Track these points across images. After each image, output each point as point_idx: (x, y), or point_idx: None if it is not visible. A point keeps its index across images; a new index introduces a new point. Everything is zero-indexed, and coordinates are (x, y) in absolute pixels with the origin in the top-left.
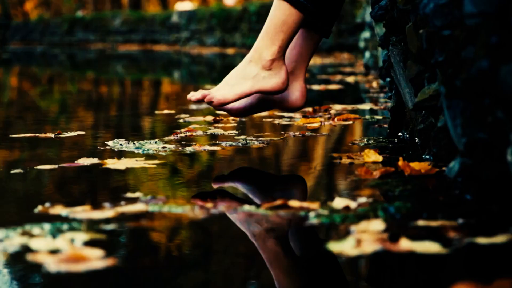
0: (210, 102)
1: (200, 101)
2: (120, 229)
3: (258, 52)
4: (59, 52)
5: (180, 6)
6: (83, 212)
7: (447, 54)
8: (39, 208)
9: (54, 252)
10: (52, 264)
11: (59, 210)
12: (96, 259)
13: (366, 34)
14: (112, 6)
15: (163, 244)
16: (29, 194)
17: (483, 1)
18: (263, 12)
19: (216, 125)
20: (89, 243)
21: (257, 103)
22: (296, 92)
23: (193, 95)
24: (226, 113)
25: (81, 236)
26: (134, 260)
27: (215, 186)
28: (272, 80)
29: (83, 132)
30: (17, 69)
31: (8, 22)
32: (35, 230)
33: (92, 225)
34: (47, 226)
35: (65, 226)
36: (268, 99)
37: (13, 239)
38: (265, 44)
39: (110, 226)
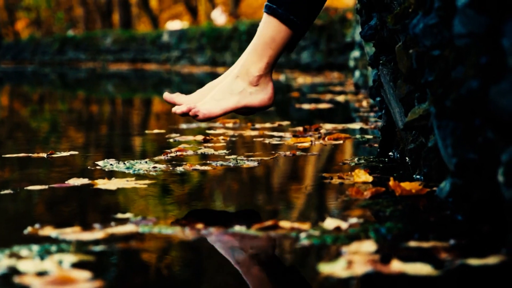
0: (195, 116)
1: (185, 114)
2: (109, 250)
3: (245, 67)
4: (50, 71)
5: (171, 26)
6: (72, 233)
7: (437, 74)
8: (29, 229)
9: (41, 274)
10: (39, 287)
11: (49, 231)
12: (83, 281)
13: (356, 53)
14: (103, 25)
15: (152, 266)
16: (19, 215)
17: (473, 21)
18: (253, 31)
19: (206, 144)
20: (77, 265)
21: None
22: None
23: (178, 108)
24: (216, 132)
25: (70, 258)
26: (122, 282)
27: (204, 205)
28: (258, 96)
29: (76, 152)
30: (7, 88)
31: None
32: (23, 251)
33: (81, 246)
34: (35, 248)
35: (53, 248)
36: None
37: (1, 261)
38: (253, 60)
39: (99, 248)
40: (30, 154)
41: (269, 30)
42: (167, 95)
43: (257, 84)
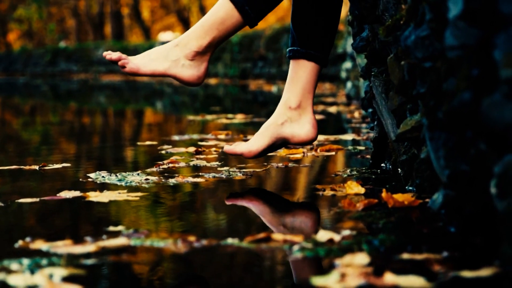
0: (123, 67)
1: (114, 62)
2: (101, 263)
3: (187, 39)
4: (42, 83)
5: (163, 37)
6: (64, 246)
7: (428, 86)
8: (20, 242)
9: None
10: None
11: (40, 244)
12: None
13: (347, 65)
14: (95, 37)
15: (144, 279)
16: (10, 228)
17: (464, 33)
18: (245, 43)
19: (198, 156)
20: (68, 279)
21: (273, 144)
22: (306, 124)
23: (109, 54)
24: (208, 144)
25: (60, 272)
26: None
27: (196, 218)
28: (189, 71)
29: (68, 164)
30: None
31: None
32: (14, 265)
33: (72, 260)
34: (26, 261)
35: (44, 261)
36: (281, 137)
37: None
38: (197, 35)
39: (90, 261)
40: (21, 167)
41: (222, 12)
42: (227, 148)
43: (192, 59)
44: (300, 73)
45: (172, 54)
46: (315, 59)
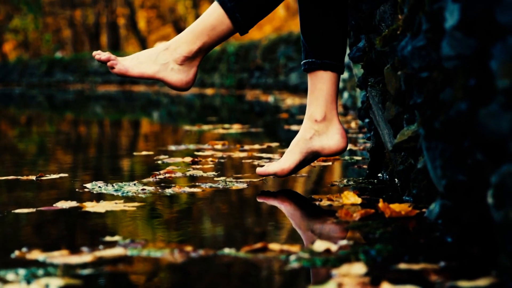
0: (111, 68)
1: (103, 62)
2: (97, 273)
3: (177, 43)
4: (38, 93)
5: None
6: (60, 256)
7: (425, 96)
8: (16, 253)
9: None
10: None
11: (36, 255)
12: None
13: (344, 75)
14: (91, 47)
15: None
16: (7, 238)
17: (461, 44)
18: (241, 53)
19: (195, 166)
20: None
21: (304, 159)
22: (335, 135)
23: (98, 54)
24: (204, 154)
25: (57, 282)
26: None
27: (193, 228)
28: (178, 75)
29: (66, 175)
30: None
31: None
32: (10, 275)
33: (68, 270)
34: (22, 272)
35: (40, 272)
36: (312, 151)
37: None
38: (187, 39)
39: (87, 271)
40: (19, 177)
41: (213, 18)
42: (260, 170)
43: (181, 63)
44: (319, 85)
45: (161, 58)
46: (332, 68)
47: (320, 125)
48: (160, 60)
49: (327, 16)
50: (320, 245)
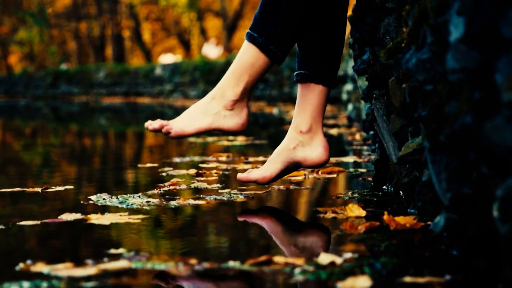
0: (167, 133)
1: (157, 130)
2: (101, 286)
3: (222, 90)
4: (43, 105)
5: (164, 59)
6: (65, 269)
7: (430, 109)
8: (21, 265)
9: None
10: None
11: (41, 267)
12: None
13: (348, 87)
14: (96, 59)
15: None
16: (11, 251)
17: (465, 57)
18: None
19: (199, 178)
20: None
21: (285, 168)
22: (318, 147)
23: (150, 124)
24: (209, 166)
25: None
26: None
27: (198, 240)
28: (232, 120)
29: (71, 187)
30: (0, 122)
31: None
32: None
33: (72, 282)
34: (26, 284)
35: (44, 284)
36: (294, 161)
37: None
38: (230, 83)
39: (91, 284)
40: (24, 189)
41: (249, 56)
42: (241, 176)
43: (232, 108)
44: (309, 97)
45: (211, 108)
46: (323, 81)
47: (305, 136)
48: (211, 111)
49: (324, 32)
50: (325, 258)
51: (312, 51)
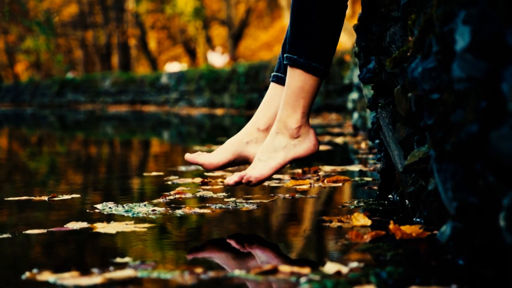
0: (248, 182)
1: (238, 183)
2: None
3: (282, 122)
4: (49, 113)
5: (170, 68)
6: (71, 278)
7: (436, 118)
8: (27, 274)
9: None
10: None
11: (47, 276)
12: None
13: (354, 95)
14: (102, 68)
15: None
16: (17, 259)
17: (471, 66)
18: (251, 73)
19: (204, 187)
20: None
21: (234, 160)
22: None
23: (230, 179)
24: (214, 175)
25: None
26: None
27: (204, 249)
28: (303, 146)
29: (78, 195)
30: (6, 130)
31: None
32: None
33: None
34: None
35: None
36: (243, 156)
37: None
38: (288, 113)
39: None
40: (31, 197)
41: (296, 81)
42: (188, 156)
43: (298, 135)
44: (275, 98)
45: (278, 143)
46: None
47: (261, 134)
48: (280, 146)
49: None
50: (330, 267)
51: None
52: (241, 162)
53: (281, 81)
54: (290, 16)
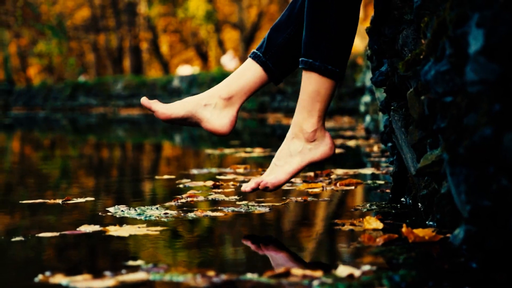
0: (265, 188)
1: (255, 189)
2: None
3: (298, 126)
4: (61, 117)
5: (181, 71)
6: (83, 281)
7: (449, 121)
8: (40, 277)
9: None
10: None
11: (60, 279)
12: None
13: (366, 98)
14: (114, 71)
15: None
16: (30, 262)
17: (485, 69)
18: None
19: (216, 190)
20: None
21: (186, 118)
22: (225, 118)
23: (247, 186)
24: (226, 178)
25: None
26: None
27: (216, 252)
28: (319, 150)
29: (89, 198)
30: (19, 134)
31: (11, 88)
32: None
33: None
34: None
35: None
36: (196, 117)
37: None
38: (304, 117)
39: None
40: (46, 201)
41: (312, 84)
42: (144, 101)
43: (314, 139)
44: (247, 73)
45: (294, 148)
46: (263, 65)
47: (221, 101)
48: (296, 150)
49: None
50: (343, 270)
51: (277, 44)
52: (192, 123)
53: (257, 59)
54: (305, 19)
